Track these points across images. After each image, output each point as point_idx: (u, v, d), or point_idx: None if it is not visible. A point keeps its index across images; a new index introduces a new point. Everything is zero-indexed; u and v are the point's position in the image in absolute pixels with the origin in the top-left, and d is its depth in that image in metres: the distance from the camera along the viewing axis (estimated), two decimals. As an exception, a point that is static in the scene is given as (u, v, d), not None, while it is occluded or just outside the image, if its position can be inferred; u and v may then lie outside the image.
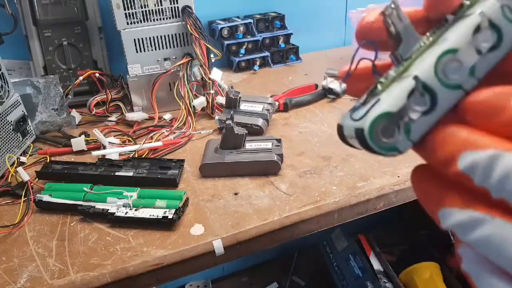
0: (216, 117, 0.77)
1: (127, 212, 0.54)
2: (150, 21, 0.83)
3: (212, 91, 0.83)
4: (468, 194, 0.17)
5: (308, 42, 1.22)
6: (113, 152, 0.68)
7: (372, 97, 0.18)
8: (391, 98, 0.18)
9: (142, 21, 0.82)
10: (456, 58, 0.18)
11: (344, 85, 0.22)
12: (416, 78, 0.18)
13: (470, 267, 0.17)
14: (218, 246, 0.51)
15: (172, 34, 0.84)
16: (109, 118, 0.86)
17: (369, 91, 0.19)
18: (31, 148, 0.75)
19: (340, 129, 0.19)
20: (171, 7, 0.83)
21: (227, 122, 0.64)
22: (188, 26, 0.81)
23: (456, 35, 0.18)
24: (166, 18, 0.83)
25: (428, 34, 0.19)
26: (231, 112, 0.70)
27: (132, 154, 0.69)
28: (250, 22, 1.08)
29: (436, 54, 0.18)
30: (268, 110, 0.78)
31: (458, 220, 0.16)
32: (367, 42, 0.21)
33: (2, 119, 0.69)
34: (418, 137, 0.18)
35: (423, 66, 0.18)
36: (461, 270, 0.18)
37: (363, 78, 0.21)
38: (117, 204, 0.56)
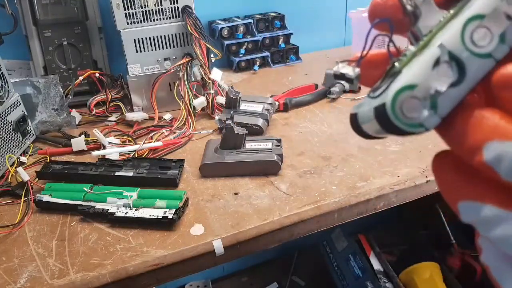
0: (216, 117, 0.77)
1: (127, 212, 0.54)
2: (150, 21, 0.83)
3: (212, 91, 0.83)
4: (492, 188, 0.15)
5: (308, 42, 1.22)
6: (113, 152, 0.68)
7: (390, 76, 0.17)
8: (414, 70, 0.16)
9: (142, 21, 0.82)
10: (484, 24, 0.16)
11: (357, 70, 0.20)
12: (441, 46, 0.16)
13: (490, 260, 0.16)
14: (218, 246, 0.51)
15: (172, 34, 0.84)
16: (109, 118, 0.86)
17: (385, 72, 0.18)
18: (31, 148, 0.75)
19: (353, 117, 0.18)
20: (171, 7, 0.83)
21: (227, 122, 0.64)
22: (188, 26, 0.81)
23: (482, 0, 0.16)
24: (166, 18, 0.83)
25: (448, 10, 0.18)
26: (231, 112, 0.70)
27: (132, 154, 0.69)
28: (250, 22, 1.08)
29: (461, 21, 0.16)
30: (268, 110, 0.78)
31: (479, 215, 0.15)
32: (381, 20, 0.19)
33: (2, 119, 0.69)
34: (446, 112, 0.17)
35: (448, 35, 0.16)
36: (480, 261, 0.17)
37: (378, 64, 0.19)
38: (117, 204, 0.56)
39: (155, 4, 0.82)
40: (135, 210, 0.55)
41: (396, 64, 0.17)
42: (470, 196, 0.16)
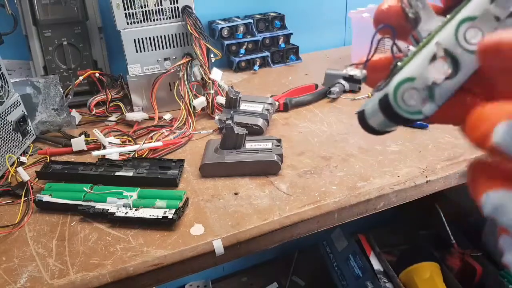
0: (216, 117, 0.77)
1: (127, 212, 0.54)
2: (150, 21, 0.83)
3: (212, 91, 0.83)
4: (505, 173, 0.16)
5: (308, 42, 1.22)
6: (113, 152, 0.68)
7: (393, 74, 0.19)
8: (413, 65, 0.19)
9: (142, 21, 0.82)
10: (476, 24, 0.18)
11: (364, 71, 0.22)
12: (437, 43, 0.18)
13: (510, 259, 0.16)
14: (218, 246, 0.51)
15: (172, 34, 0.84)
16: (109, 118, 0.86)
17: (390, 71, 0.20)
18: (31, 148, 0.75)
19: (361, 114, 0.20)
20: (171, 7, 0.83)
21: (227, 122, 0.64)
22: (188, 26, 0.81)
23: (474, 3, 0.18)
24: (166, 18, 0.83)
25: (446, 16, 0.20)
26: (231, 112, 0.70)
27: (132, 154, 0.69)
28: (250, 22, 1.08)
29: (455, 22, 0.18)
30: (268, 110, 0.78)
31: (493, 202, 0.16)
32: (385, 26, 0.21)
33: (2, 119, 0.69)
34: (443, 101, 0.19)
35: (443, 34, 0.19)
36: (503, 262, 0.17)
37: (382, 68, 0.21)
38: (117, 204, 0.56)
39: (155, 4, 0.82)
40: (135, 210, 0.55)
41: (399, 63, 0.19)
42: (487, 187, 0.17)
